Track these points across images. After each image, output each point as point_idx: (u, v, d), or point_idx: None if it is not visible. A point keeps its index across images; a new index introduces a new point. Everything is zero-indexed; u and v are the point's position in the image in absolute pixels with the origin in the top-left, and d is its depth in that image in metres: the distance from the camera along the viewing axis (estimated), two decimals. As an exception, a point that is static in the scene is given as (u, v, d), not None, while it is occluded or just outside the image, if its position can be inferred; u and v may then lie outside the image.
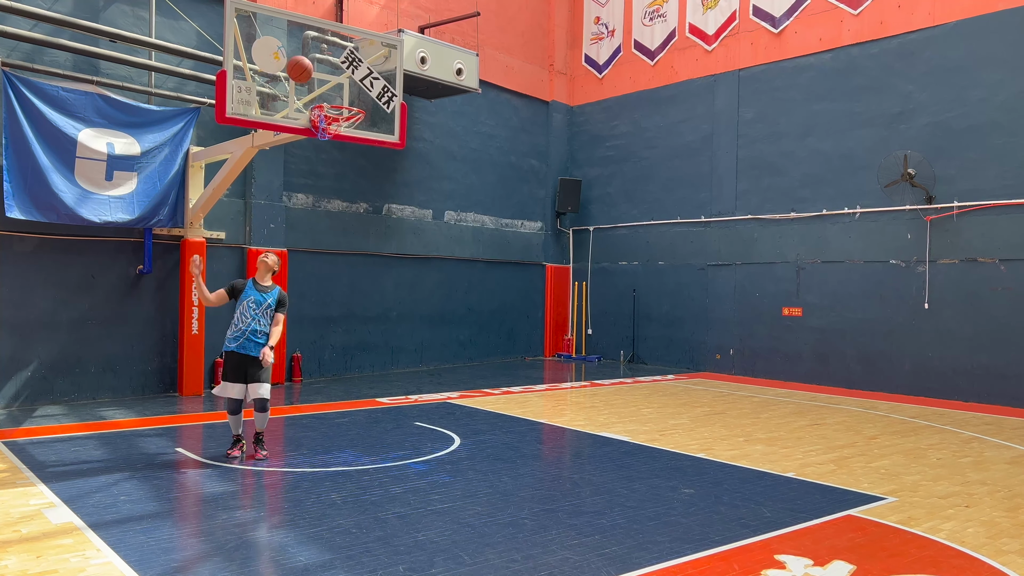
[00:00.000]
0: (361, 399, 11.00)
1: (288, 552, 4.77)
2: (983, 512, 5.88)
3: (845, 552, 4.91)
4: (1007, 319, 11.27)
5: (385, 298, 14.31)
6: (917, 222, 12.26)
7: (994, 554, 4.92)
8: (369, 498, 5.97)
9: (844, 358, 13.07)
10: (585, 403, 11.03)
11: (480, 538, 5.08)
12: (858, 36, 13.10)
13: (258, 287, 7.35)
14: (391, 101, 9.41)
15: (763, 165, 14.40)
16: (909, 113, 12.44)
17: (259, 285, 7.36)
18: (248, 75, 8.49)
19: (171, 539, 5.00)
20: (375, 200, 14.17)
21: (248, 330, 7.16)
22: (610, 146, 17.13)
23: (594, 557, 4.74)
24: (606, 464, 7.31)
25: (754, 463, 7.40)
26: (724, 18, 15.04)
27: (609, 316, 17.05)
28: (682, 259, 15.73)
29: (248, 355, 7.14)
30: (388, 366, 14.35)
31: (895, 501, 6.14)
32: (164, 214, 10.68)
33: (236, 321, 7.24)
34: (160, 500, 5.86)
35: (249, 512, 5.62)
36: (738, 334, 14.66)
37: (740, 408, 10.74)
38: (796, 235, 13.86)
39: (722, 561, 4.72)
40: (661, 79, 16.20)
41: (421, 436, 8.43)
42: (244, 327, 7.17)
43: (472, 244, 15.90)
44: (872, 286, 12.77)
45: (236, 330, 7.21)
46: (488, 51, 15.99)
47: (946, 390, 11.81)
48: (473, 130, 15.94)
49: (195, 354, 11.11)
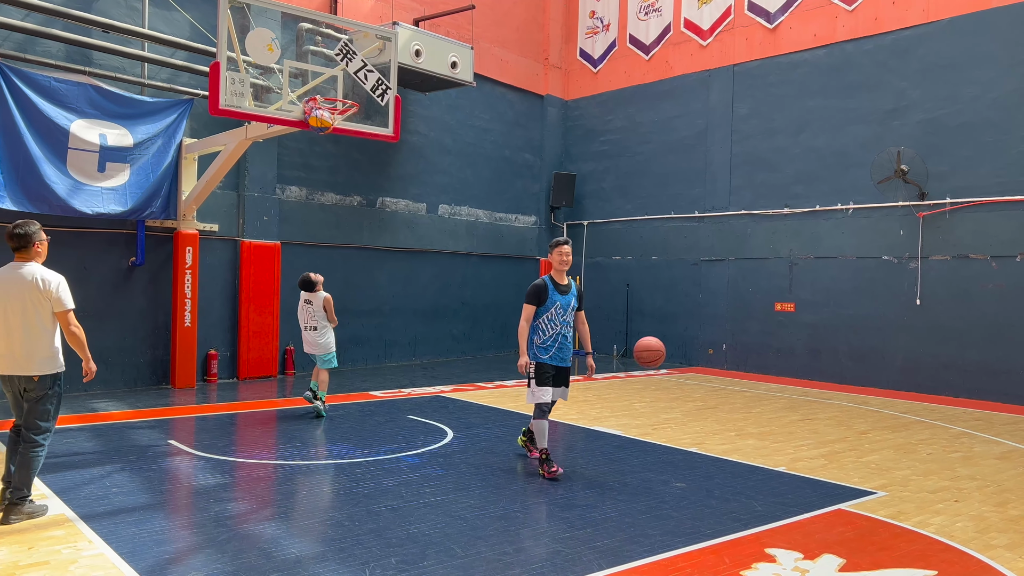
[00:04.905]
0: (354, 392, 11.00)
1: (280, 544, 4.78)
2: (972, 507, 5.92)
3: (835, 546, 4.93)
4: (997, 315, 11.33)
5: (379, 292, 14.29)
6: (910, 219, 12.30)
7: (983, 548, 4.96)
8: (362, 491, 5.98)
9: (836, 353, 13.13)
10: (578, 397, 11.05)
11: (472, 531, 5.09)
12: (852, 32, 13.12)
13: (559, 288, 6.60)
14: (385, 94, 9.39)
15: (757, 161, 14.43)
16: (902, 110, 12.48)
17: (559, 286, 6.61)
18: (242, 67, 8.45)
19: (163, 531, 5.00)
20: (369, 193, 14.14)
21: (559, 336, 6.56)
22: (604, 141, 17.13)
23: (586, 550, 4.76)
24: (598, 458, 7.33)
25: (746, 457, 7.43)
26: (719, 13, 15.04)
27: (603, 310, 17.07)
28: (675, 254, 15.75)
29: (564, 366, 6.65)
30: (382, 360, 14.35)
31: (885, 495, 6.18)
32: (157, 206, 10.65)
33: (544, 328, 6.54)
34: (152, 492, 5.86)
35: (241, 504, 5.62)
36: (731, 329, 14.70)
37: (732, 403, 10.78)
38: (789, 231, 13.89)
39: (713, 554, 4.75)
40: (656, 74, 16.20)
41: (414, 429, 8.44)
42: (555, 333, 6.54)
43: (466, 238, 15.90)
44: (864, 282, 12.81)
45: (546, 337, 6.54)
46: (483, 45, 15.96)
47: (937, 385, 11.87)
48: (468, 124, 15.91)
49: (188, 346, 11.09)
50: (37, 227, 5.29)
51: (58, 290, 5.17)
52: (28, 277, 5.14)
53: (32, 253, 5.25)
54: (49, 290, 5.14)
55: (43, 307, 5.15)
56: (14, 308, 5.11)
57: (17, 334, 5.10)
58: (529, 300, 6.56)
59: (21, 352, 5.10)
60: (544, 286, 6.57)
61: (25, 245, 5.22)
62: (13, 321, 5.10)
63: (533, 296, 6.56)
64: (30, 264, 5.22)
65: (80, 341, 5.23)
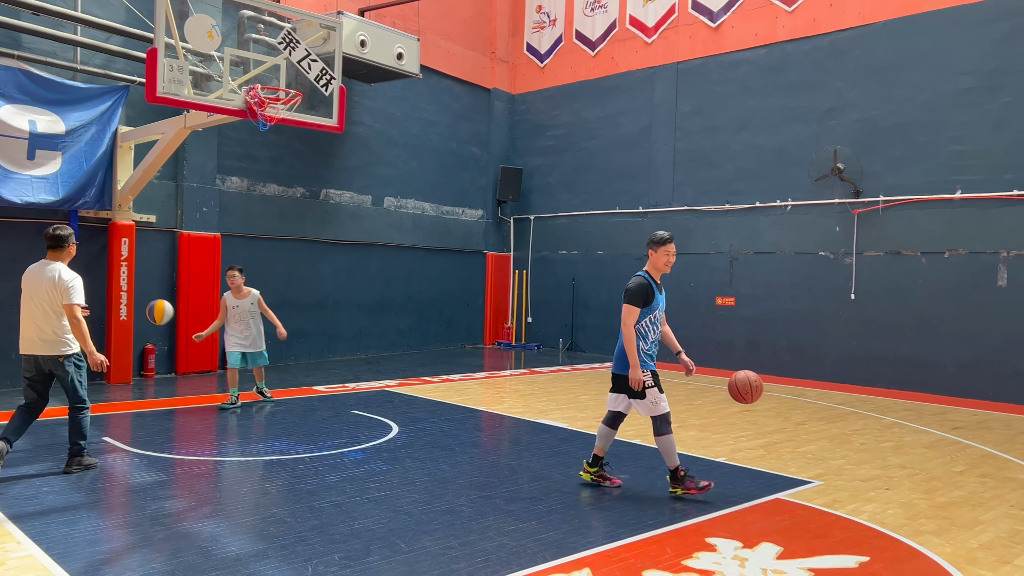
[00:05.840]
0: (297, 387, 10.84)
1: (220, 542, 4.68)
2: (902, 494, 6.14)
3: (773, 534, 5.06)
4: (927, 310, 11.75)
5: (323, 285, 14.10)
6: (845, 215, 12.66)
7: (912, 534, 5.14)
8: (304, 487, 5.90)
9: (775, 347, 13.45)
10: (524, 390, 11.09)
11: (417, 525, 5.07)
12: (792, 33, 13.42)
13: (659, 287, 6.04)
14: (329, 84, 9.26)
15: (699, 158, 14.66)
16: (839, 110, 12.82)
17: (659, 284, 6.06)
18: (181, 54, 8.24)
19: (96, 531, 4.85)
20: (312, 185, 13.93)
21: (658, 340, 6.06)
22: (551, 135, 17.20)
23: (530, 543, 4.79)
24: (544, 450, 7.37)
25: (687, 448, 7.56)
26: (664, 11, 15.22)
27: (549, 305, 17.17)
28: (620, 249, 15.92)
29: None
30: (325, 354, 14.17)
31: (821, 485, 6.36)
32: (91, 196, 10.30)
33: (648, 332, 5.93)
34: (85, 491, 5.68)
35: (179, 502, 5.49)
36: (673, 323, 14.79)
37: (674, 395, 10.95)
38: (730, 227, 14.17)
39: (655, 545, 4.82)
40: (602, 70, 16.32)
41: (358, 424, 8.36)
42: (656, 338, 6.02)
43: (412, 231, 15.79)
44: (802, 277, 13.15)
45: (650, 342, 5.97)
46: (429, 36, 15.85)
47: (870, 378, 12.26)
48: (414, 116, 15.79)
49: (124, 341, 10.77)
50: (71, 231, 6.27)
51: (70, 285, 6.01)
52: (52, 273, 6.04)
53: (64, 254, 6.21)
54: (63, 284, 5.99)
55: (58, 299, 6.01)
56: (41, 298, 6.01)
57: (41, 320, 6.00)
58: (635, 301, 5.83)
59: (44, 335, 6.01)
60: (649, 285, 5.91)
61: (60, 245, 6.19)
62: (38, 310, 6.01)
63: (640, 297, 5.84)
64: (57, 263, 6.13)
65: (81, 332, 6.03)
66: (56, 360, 6.07)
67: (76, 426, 6.20)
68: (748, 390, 6.06)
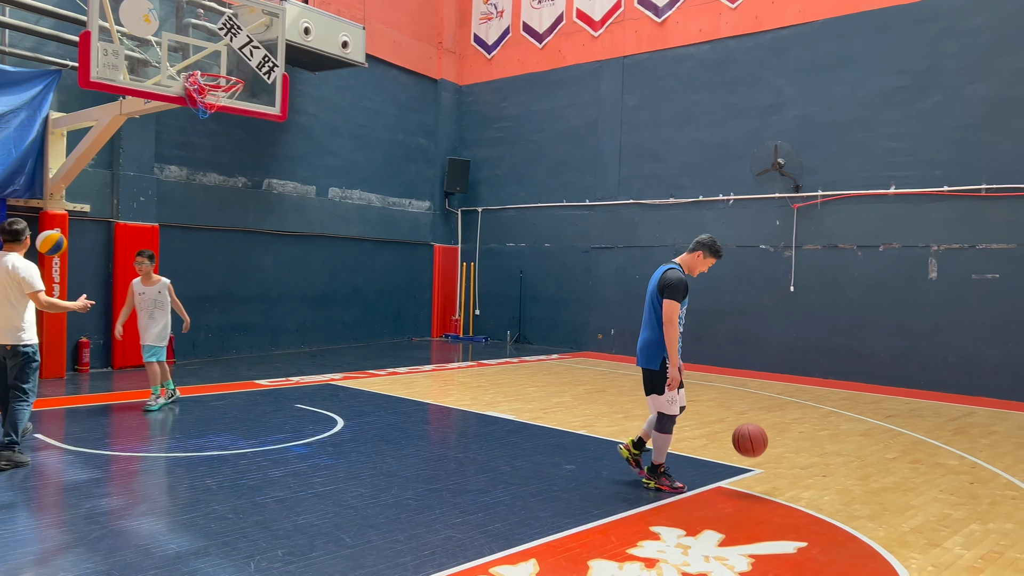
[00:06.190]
0: (239, 381, 10.63)
1: (158, 540, 4.57)
2: (838, 481, 6.32)
3: (715, 522, 5.16)
4: (862, 302, 12.12)
5: (265, 277, 13.84)
6: (785, 210, 12.96)
7: (847, 519, 5.31)
8: (247, 482, 5.79)
9: (717, 338, 13.70)
10: (471, 383, 11.09)
11: (362, 520, 5.03)
12: (735, 29, 13.65)
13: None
14: (272, 71, 9.08)
15: (645, 152, 14.82)
16: (780, 106, 13.10)
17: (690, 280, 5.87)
18: (116, 38, 7.97)
19: (28, 530, 4.68)
20: (254, 175, 13.65)
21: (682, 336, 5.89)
22: (499, 127, 17.17)
23: (477, 535, 4.79)
24: (491, 442, 7.38)
25: (630, 436, 7.64)
26: (610, 5, 15.31)
27: (496, 297, 17.18)
28: (567, 242, 16.01)
29: None
30: (268, 347, 13.93)
31: (761, 473, 6.51)
32: (20, 183, 9.91)
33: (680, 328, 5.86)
34: (16, 489, 5.47)
35: (116, 500, 5.33)
36: (619, 315, 15.08)
37: (620, 386, 11.08)
38: (675, 220, 14.36)
39: (600, 534, 4.87)
40: (549, 63, 16.35)
41: (302, 419, 8.24)
42: (682, 331, 5.92)
43: (358, 222, 15.60)
44: (743, 270, 13.41)
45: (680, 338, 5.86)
46: (375, 25, 15.66)
47: (808, 368, 12.60)
48: (359, 105, 15.59)
49: (56, 334, 10.41)
50: (25, 224, 6.39)
51: (26, 274, 6.12)
52: (8, 264, 6.14)
53: (20, 246, 6.31)
54: (18, 274, 6.10)
55: (14, 289, 6.11)
56: None
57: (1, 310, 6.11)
58: (677, 296, 5.68)
59: (2, 325, 6.11)
60: (686, 280, 5.81)
61: (17, 239, 6.30)
62: None
63: (682, 292, 5.70)
64: (12, 254, 6.23)
65: (56, 306, 6.33)
66: (16, 349, 6.15)
67: (13, 417, 6.12)
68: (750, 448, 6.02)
